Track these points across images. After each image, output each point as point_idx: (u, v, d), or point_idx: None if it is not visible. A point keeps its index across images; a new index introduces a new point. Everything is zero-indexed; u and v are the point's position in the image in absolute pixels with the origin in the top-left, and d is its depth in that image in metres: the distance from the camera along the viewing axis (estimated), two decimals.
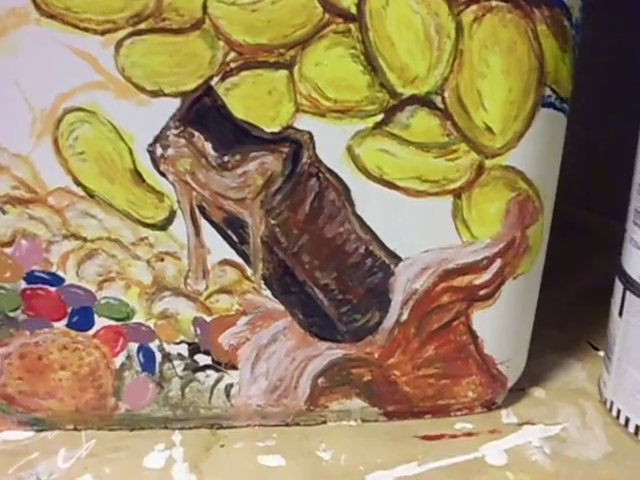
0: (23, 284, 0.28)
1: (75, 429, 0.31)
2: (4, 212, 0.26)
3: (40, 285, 0.28)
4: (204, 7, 0.23)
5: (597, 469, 0.29)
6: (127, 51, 0.24)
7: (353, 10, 0.23)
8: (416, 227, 0.26)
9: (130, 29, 0.24)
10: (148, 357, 0.29)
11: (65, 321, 0.28)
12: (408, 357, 0.29)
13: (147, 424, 0.30)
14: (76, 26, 0.24)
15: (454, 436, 0.31)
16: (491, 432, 0.31)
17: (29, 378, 0.28)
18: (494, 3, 0.22)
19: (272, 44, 0.23)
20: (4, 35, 0.24)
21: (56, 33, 0.24)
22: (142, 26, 0.24)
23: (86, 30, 0.24)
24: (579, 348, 0.37)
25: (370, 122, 0.24)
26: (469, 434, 0.31)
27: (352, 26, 0.23)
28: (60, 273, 0.27)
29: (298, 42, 0.23)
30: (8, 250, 0.26)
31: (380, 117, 0.24)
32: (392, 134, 0.24)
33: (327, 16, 0.23)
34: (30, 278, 0.28)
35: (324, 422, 0.31)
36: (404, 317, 0.28)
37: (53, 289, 0.28)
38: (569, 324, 0.38)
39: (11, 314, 0.28)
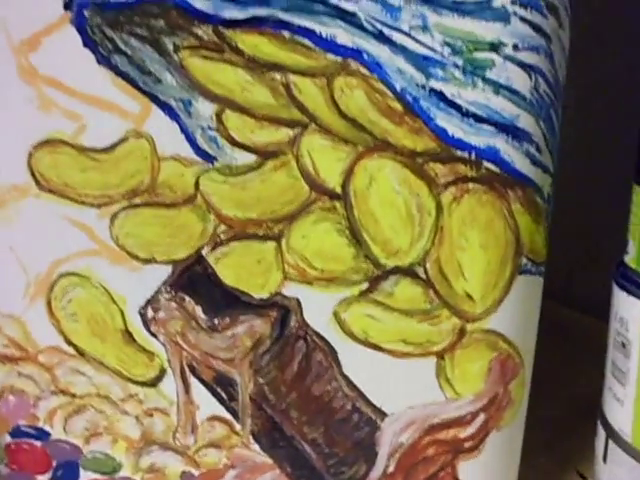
0: (8, 438, 0.28)
1: None
2: None
3: (25, 439, 0.28)
4: (196, 184, 0.24)
5: None
6: (121, 222, 0.25)
7: (338, 190, 0.24)
8: (401, 385, 0.26)
9: (125, 203, 0.25)
10: None
11: (49, 475, 0.28)
12: None
13: None
14: (74, 200, 0.25)
15: None
16: None
17: None
18: (471, 185, 0.24)
19: (261, 219, 0.24)
20: (3, 207, 0.25)
21: (54, 206, 0.25)
22: (137, 200, 0.25)
23: (83, 203, 0.25)
24: (567, 478, 0.36)
25: (356, 290, 0.25)
26: None
27: (337, 204, 0.24)
28: (47, 428, 0.27)
29: (286, 217, 0.24)
30: None
31: (365, 285, 0.25)
32: (377, 301, 0.25)
33: (314, 194, 0.24)
34: (15, 432, 0.28)
35: None
36: (391, 469, 0.28)
37: (39, 443, 0.27)
38: (555, 446, 0.37)
39: None
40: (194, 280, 0.26)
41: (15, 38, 0.23)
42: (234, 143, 0.24)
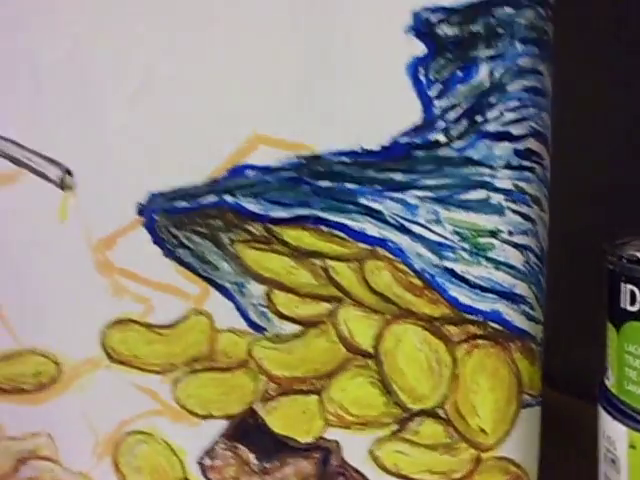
0: None
1: None
2: None
3: None
4: (249, 351, 0.28)
5: None
6: (183, 386, 0.29)
7: (371, 350, 0.28)
8: None
9: (186, 369, 0.29)
10: None
11: None
12: None
13: None
14: (141, 369, 0.29)
15: None
16: None
17: None
18: (480, 342, 0.28)
19: (305, 377, 0.29)
20: (77, 378, 0.28)
21: (123, 374, 0.29)
22: (196, 366, 0.29)
23: (149, 371, 0.29)
24: None
25: (387, 431, 0.29)
26: None
27: (370, 361, 0.28)
28: None
29: (326, 374, 0.29)
30: None
31: (395, 427, 0.29)
32: (405, 439, 0.29)
33: (350, 355, 0.28)
34: None
35: None
36: None
37: None
38: None
39: None
40: (247, 430, 0.29)
41: (94, 238, 0.27)
42: (281, 316, 0.28)
